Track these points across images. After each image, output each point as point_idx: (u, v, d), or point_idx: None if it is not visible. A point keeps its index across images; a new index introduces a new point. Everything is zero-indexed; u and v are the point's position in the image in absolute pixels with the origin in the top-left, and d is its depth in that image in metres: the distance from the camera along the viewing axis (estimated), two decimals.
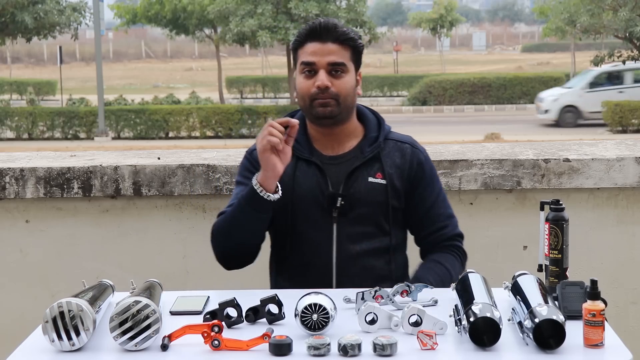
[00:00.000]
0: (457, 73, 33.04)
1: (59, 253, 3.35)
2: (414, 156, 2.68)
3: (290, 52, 25.07)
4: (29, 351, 2.03)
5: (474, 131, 20.91)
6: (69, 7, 24.98)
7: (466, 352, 1.96)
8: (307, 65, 2.59)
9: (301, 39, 2.62)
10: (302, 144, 2.65)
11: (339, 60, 2.58)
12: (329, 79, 2.57)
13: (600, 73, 23.76)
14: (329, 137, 2.65)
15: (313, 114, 2.60)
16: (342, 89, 2.58)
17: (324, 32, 2.59)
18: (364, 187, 2.61)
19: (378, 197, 2.62)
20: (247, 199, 2.51)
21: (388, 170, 2.63)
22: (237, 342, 1.99)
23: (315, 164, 2.63)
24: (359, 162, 2.62)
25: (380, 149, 2.64)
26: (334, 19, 2.64)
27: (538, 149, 3.44)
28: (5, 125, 23.63)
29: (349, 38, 2.60)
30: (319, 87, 2.56)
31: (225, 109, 23.50)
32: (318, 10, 24.12)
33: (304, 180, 2.62)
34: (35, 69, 48.05)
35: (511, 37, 69.95)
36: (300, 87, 2.61)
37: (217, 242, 2.62)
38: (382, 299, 2.23)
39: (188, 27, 29.57)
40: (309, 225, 2.61)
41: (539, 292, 2.06)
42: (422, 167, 2.68)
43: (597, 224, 3.30)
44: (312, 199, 2.61)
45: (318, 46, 2.58)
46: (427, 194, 2.68)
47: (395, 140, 2.69)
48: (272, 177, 2.48)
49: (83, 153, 3.59)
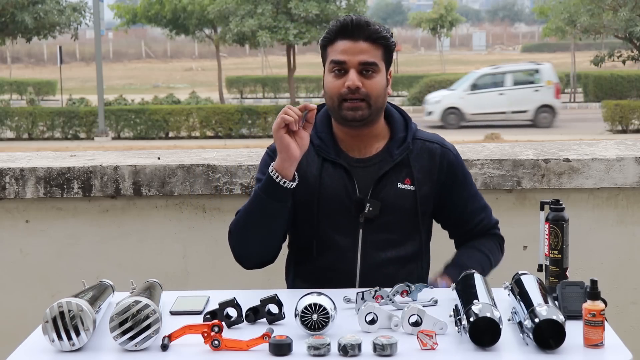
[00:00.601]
0: (457, 73, 33.00)
1: (59, 253, 3.35)
2: (443, 157, 2.59)
3: (290, 52, 25.05)
4: (29, 351, 2.03)
5: (474, 131, 20.91)
6: (69, 7, 24.99)
7: (466, 352, 1.96)
8: (337, 64, 2.48)
9: (331, 35, 2.52)
10: (328, 143, 2.56)
11: (370, 60, 2.48)
12: (360, 79, 2.47)
13: (482, 75, 24.02)
14: (356, 139, 2.56)
15: (342, 116, 2.50)
16: (373, 89, 2.48)
17: (356, 30, 2.49)
18: (393, 193, 2.53)
19: (406, 204, 2.54)
20: (263, 188, 2.44)
21: (417, 175, 2.55)
22: (237, 342, 1.99)
23: (342, 167, 2.54)
24: (388, 166, 2.53)
25: (408, 151, 2.56)
26: (365, 17, 2.54)
27: (538, 149, 3.44)
28: (5, 125, 23.63)
29: (382, 37, 2.50)
30: (349, 88, 2.46)
31: (225, 109, 23.49)
32: (318, 10, 24.12)
33: (331, 183, 2.53)
34: (35, 69, 48.05)
35: (511, 37, 69.96)
36: (329, 87, 2.51)
37: (235, 239, 2.53)
38: (382, 299, 2.23)
39: (188, 27, 29.57)
40: (335, 229, 2.53)
41: (539, 292, 2.06)
42: (454, 169, 2.60)
43: (597, 224, 3.30)
44: (339, 202, 2.52)
45: (349, 44, 2.48)
46: (463, 196, 2.63)
47: (423, 139, 2.60)
48: (288, 160, 2.39)
49: (83, 153, 3.59)
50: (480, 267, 2.52)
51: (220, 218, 3.28)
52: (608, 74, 28.07)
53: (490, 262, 2.64)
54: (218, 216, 3.29)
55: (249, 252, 2.53)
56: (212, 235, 3.26)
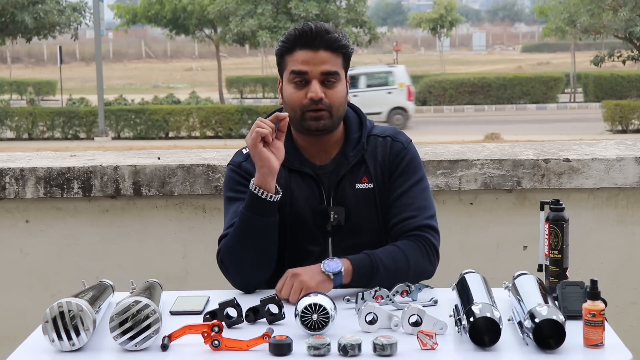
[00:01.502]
0: (457, 73, 33.03)
1: (59, 253, 3.35)
2: (393, 147, 2.53)
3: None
4: (29, 351, 2.03)
5: (474, 131, 20.91)
6: (69, 7, 24.98)
7: (466, 352, 1.96)
8: (299, 74, 2.43)
9: (290, 44, 2.45)
10: (291, 153, 2.50)
11: (332, 69, 2.43)
12: (322, 89, 2.43)
13: None
14: (317, 146, 2.52)
15: (305, 126, 2.46)
16: (335, 99, 2.44)
17: (316, 39, 2.42)
18: (353, 195, 2.50)
19: (368, 203, 2.51)
20: (248, 207, 2.39)
21: (373, 171, 2.51)
22: (237, 342, 1.99)
23: (309, 176, 2.51)
24: (345, 169, 2.50)
25: (364, 151, 2.52)
26: (323, 23, 2.47)
27: (538, 149, 3.44)
28: (5, 125, 23.63)
29: (342, 45, 2.46)
30: (312, 99, 2.42)
31: (225, 109, 23.49)
32: (318, 10, 24.13)
33: (300, 194, 2.50)
34: (35, 69, 48.06)
35: (511, 37, 69.97)
36: (290, 98, 2.46)
37: (231, 267, 2.44)
38: (382, 299, 2.23)
39: (188, 27, 29.56)
40: (305, 239, 2.50)
41: (539, 292, 2.06)
42: (398, 159, 2.52)
43: (597, 224, 3.30)
44: (309, 213, 2.49)
45: (309, 54, 2.42)
46: (400, 183, 2.51)
47: (377, 135, 2.55)
48: (269, 174, 2.36)
49: (83, 153, 3.59)
50: (390, 254, 2.41)
51: (220, 218, 3.26)
52: (608, 74, 28.07)
53: (406, 256, 2.43)
54: (218, 216, 3.28)
55: (250, 277, 2.44)
56: (212, 235, 3.25)
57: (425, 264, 2.46)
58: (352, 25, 25.01)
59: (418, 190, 2.52)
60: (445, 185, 3.26)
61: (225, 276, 2.48)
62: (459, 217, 3.31)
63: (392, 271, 2.38)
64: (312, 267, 2.37)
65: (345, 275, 2.36)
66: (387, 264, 2.40)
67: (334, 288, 2.34)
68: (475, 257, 3.28)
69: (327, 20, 24.50)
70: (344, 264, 2.36)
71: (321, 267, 2.35)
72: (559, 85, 28.51)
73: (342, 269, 2.35)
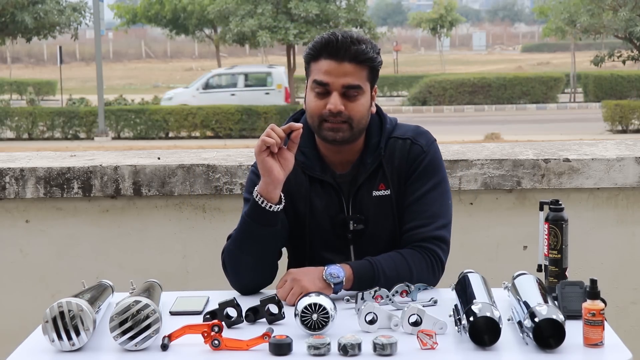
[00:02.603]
0: (457, 73, 33.02)
1: (59, 253, 3.35)
2: (411, 151, 2.47)
3: (290, 52, 24.99)
4: (29, 351, 2.04)
5: (474, 131, 20.91)
6: (69, 7, 24.97)
7: (466, 351, 1.96)
8: (320, 84, 2.39)
9: (315, 52, 2.41)
10: (312, 160, 2.48)
11: (354, 83, 2.38)
12: (343, 101, 2.37)
13: (215, 75, 24.73)
14: (339, 155, 2.48)
15: (322, 136, 2.42)
16: (356, 112, 2.39)
17: (341, 49, 2.37)
18: (371, 203, 2.47)
19: (386, 211, 2.47)
20: (249, 213, 2.38)
21: (390, 178, 2.47)
22: (237, 341, 1.99)
23: (330, 185, 2.48)
24: (363, 177, 2.46)
25: (381, 156, 2.47)
26: (352, 33, 2.41)
27: (538, 149, 3.44)
28: (5, 125, 23.61)
29: (368, 58, 2.39)
30: (330, 111, 2.37)
31: (225, 109, 23.47)
32: (318, 10, 24.10)
33: (320, 203, 2.48)
34: (35, 69, 48.04)
35: (511, 37, 69.94)
36: (310, 106, 2.42)
37: (229, 268, 2.45)
38: (382, 299, 2.23)
39: (188, 27, 29.59)
40: (326, 249, 2.49)
41: (538, 292, 2.07)
42: (415, 162, 2.47)
43: (597, 224, 3.30)
44: (329, 222, 2.48)
45: (333, 65, 2.37)
46: (415, 188, 2.46)
47: (397, 137, 2.50)
48: (272, 183, 2.32)
49: (83, 153, 3.59)
50: (393, 263, 2.39)
51: (220, 218, 3.29)
52: (608, 74, 28.06)
53: (409, 266, 2.40)
54: (218, 216, 3.29)
55: (245, 280, 2.44)
56: (212, 235, 3.26)
57: (429, 276, 2.43)
58: (352, 25, 24.96)
59: (433, 197, 2.47)
60: None
61: (226, 276, 2.49)
62: (459, 217, 3.29)
63: (393, 281, 2.34)
64: (313, 271, 2.36)
65: (346, 283, 2.36)
66: (389, 274, 2.38)
67: (333, 293, 2.33)
68: (475, 257, 3.28)
69: (327, 20, 24.50)
70: (346, 272, 2.35)
71: (323, 274, 2.33)
72: (559, 85, 28.49)
73: (343, 279, 2.34)
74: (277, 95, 23.98)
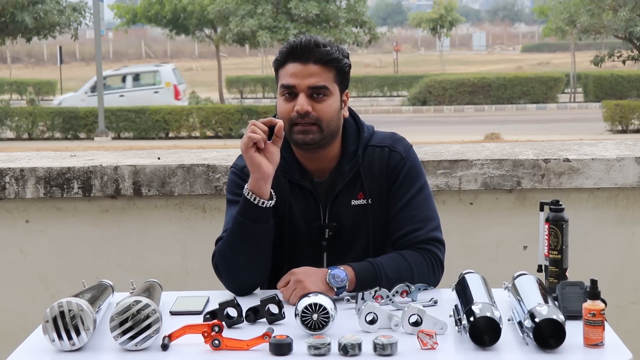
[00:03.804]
0: (457, 73, 33.01)
1: (59, 253, 3.35)
2: (390, 159, 2.49)
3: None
4: (29, 351, 2.04)
5: (474, 131, 20.91)
6: (69, 7, 24.96)
7: (466, 351, 1.96)
8: (287, 88, 2.41)
9: (282, 58, 2.44)
10: (291, 164, 2.49)
11: (320, 84, 2.40)
12: (310, 103, 2.39)
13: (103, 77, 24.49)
14: (314, 162, 2.49)
15: (293, 140, 2.44)
16: (324, 113, 2.40)
17: (305, 52, 2.40)
18: (348, 212, 2.48)
19: (363, 220, 2.48)
20: (242, 212, 2.38)
21: (368, 187, 2.48)
22: (237, 341, 1.99)
23: (308, 190, 2.49)
24: (340, 185, 2.47)
25: (359, 165, 2.48)
26: (317, 37, 2.45)
27: (538, 149, 3.44)
28: (5, 125, 23.61)
29: (333, 59, 2.41)
30: (298, 112, 2.39)
31: (225, 109, 23.47)
32: (318, 10, 24.10)
33: (298, 209, 2.49)
34: (35, 69, 48.04)
35: (511, 37, 69.93)
36: (280, 110, 2.44)
37: (223, 271, 2.43)
38: (382, 299, 2.24)
39: (188, 27, 29.54)
40: (302, 255, 2.49)
41: (538, 292, 2.07)
42: (397, 170, 2.49)
43: (597, 224, 3.31)
44: (305, 227, 2.49)
45: (298, 67, 2.40)
46: (400, 194, 2.48)
47: (375, 145, 2.51)
48: (262, 179, 2.34)
49: (83, 153, 3.59)
50: (394, 265, 2.40)
51: (220, 218, 3.26)
52: (608, 74, 28.05)
53: (410, 267, 2.42)
54: (218, 216, 3.29)
55: (241, 280, 2.43)
56: (212, 235, 3.23)
57: (430, 277, 2.44)
58: (352, 25, 24.97)
59: (420, 200, 2.49)
60: (445, 185, 3.26)
61: (219, 279, 2.48)
62: (459, 217, 3.31)
63: (395, 283, 2.34)
64: (316, 272, 2.36)
65: (349, 285, 2.36)
66: (391, 276, 2.38)
67: (335, 296, 2.34)
68: (475, 257, 3.28)
69: (327, 20, 24.50)
70: (349, 275, 2.36)
71: (327, 278, 2.33)
72: (559, 85, 28.48)
73: (346, 284, 2.34)
74: (166, 93, 24.16)
